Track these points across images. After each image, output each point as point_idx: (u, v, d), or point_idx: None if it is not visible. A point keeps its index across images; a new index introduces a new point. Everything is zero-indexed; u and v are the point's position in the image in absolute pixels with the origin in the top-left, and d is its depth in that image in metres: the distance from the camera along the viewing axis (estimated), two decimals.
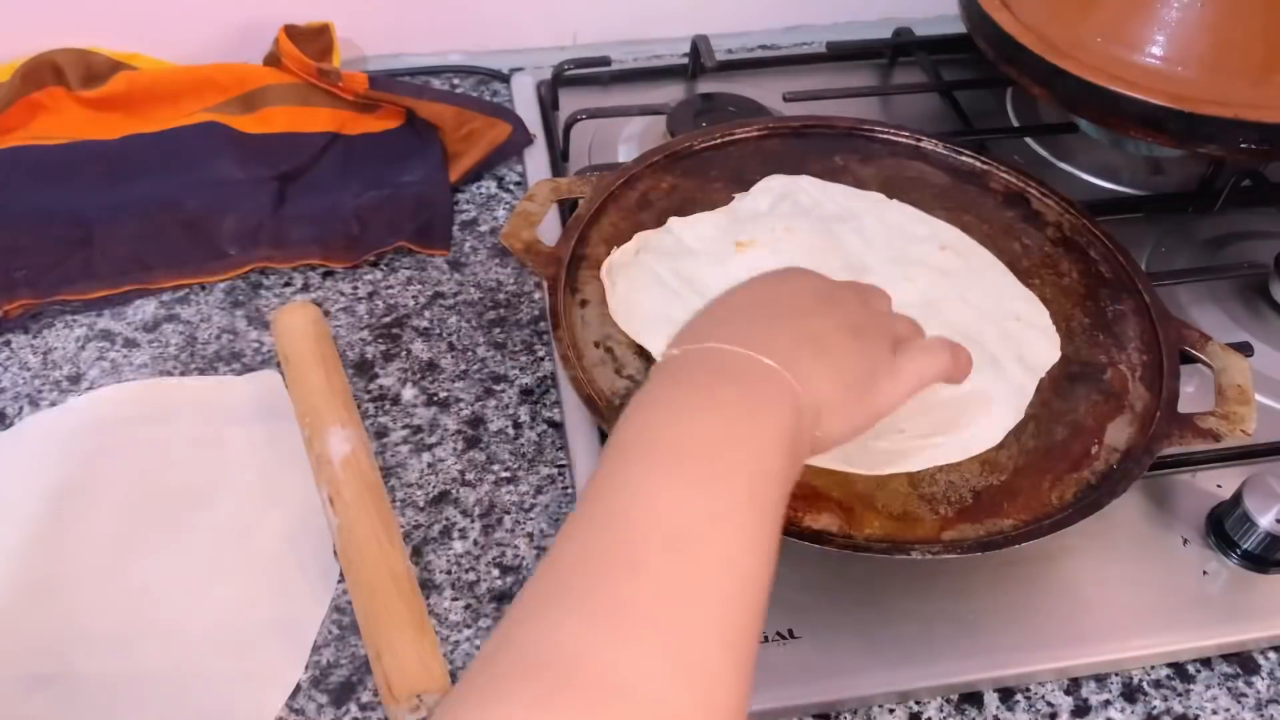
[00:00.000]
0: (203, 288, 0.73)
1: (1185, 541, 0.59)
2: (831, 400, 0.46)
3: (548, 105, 0.87)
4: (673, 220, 0.66)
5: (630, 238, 0.65)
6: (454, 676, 0.54)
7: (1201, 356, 0.61)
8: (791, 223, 0.65)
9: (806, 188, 0.68)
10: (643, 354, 0.59)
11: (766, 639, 0.54)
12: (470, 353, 0.70)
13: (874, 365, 0.48)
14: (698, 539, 0.37)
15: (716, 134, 0.73)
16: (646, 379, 0.46)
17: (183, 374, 0.68)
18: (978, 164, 0.73)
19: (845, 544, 0.51)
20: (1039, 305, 0.64)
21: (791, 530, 0.51)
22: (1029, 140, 0.85)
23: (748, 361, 0.44)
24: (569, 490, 0.62)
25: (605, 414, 0.55)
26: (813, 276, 0.52)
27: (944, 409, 0.56)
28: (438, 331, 0.71)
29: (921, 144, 0.74)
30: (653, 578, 0.35)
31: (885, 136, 0.74)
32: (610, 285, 0.62)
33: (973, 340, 0.59)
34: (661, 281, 0.62)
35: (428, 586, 0.58)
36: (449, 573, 0.58)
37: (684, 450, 0.40)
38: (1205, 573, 0.58)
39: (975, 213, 0.69)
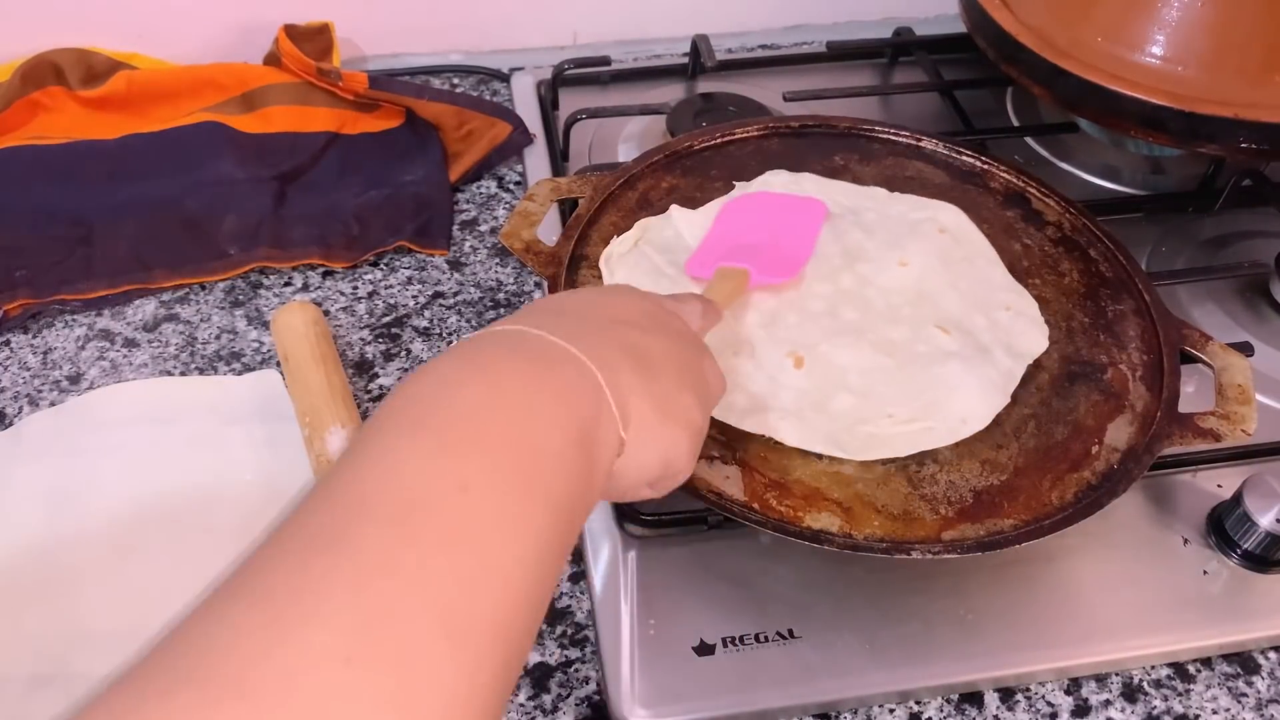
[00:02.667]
0: (203, 287, 0.73)
1: (1185, 541, 0.59)
2: (644, 420, 0.40)
3: (548, 105, 0.87)
4: (674, 209, 0.66)
5: None
6: None
7: (1202, 356, 0.61)
8: None
9: (808, 187, 0.68)
10: None
11: (766, 639, 0.54)
12: None
13: (701, 403, 0.44)
14: (434, 509, 0.31)
15: (716, 134, 0.73)
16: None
17: (183, 374, 0.68)
18: (978, 163, 0.73)
19: (845, 544, 0.51)
20: (1028, 296, 0.64)
21: (792, 530, 0.51)
22: (1029, 140, 0.85)
23: (549, 345, 0.39)
24: None
25: None
26: (649, 298, 0.47)
27: (932, 393, 0.56)
28: (438, 331, 0.71)
29: (921, 144, 0.74)
30: (353, 551, 0.30)
31: (885, 136, 0.74)
32: (609, 275, 0.62)
33: (962, 327, 0.60)
34: (659, 271, 0.62)
35: None
36: None
37: (442, 416, 0.34)
38: (1205, 573, 0.58)
39: (975, 212, 0.69)
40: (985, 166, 0.72)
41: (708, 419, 0.45)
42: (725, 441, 0.55)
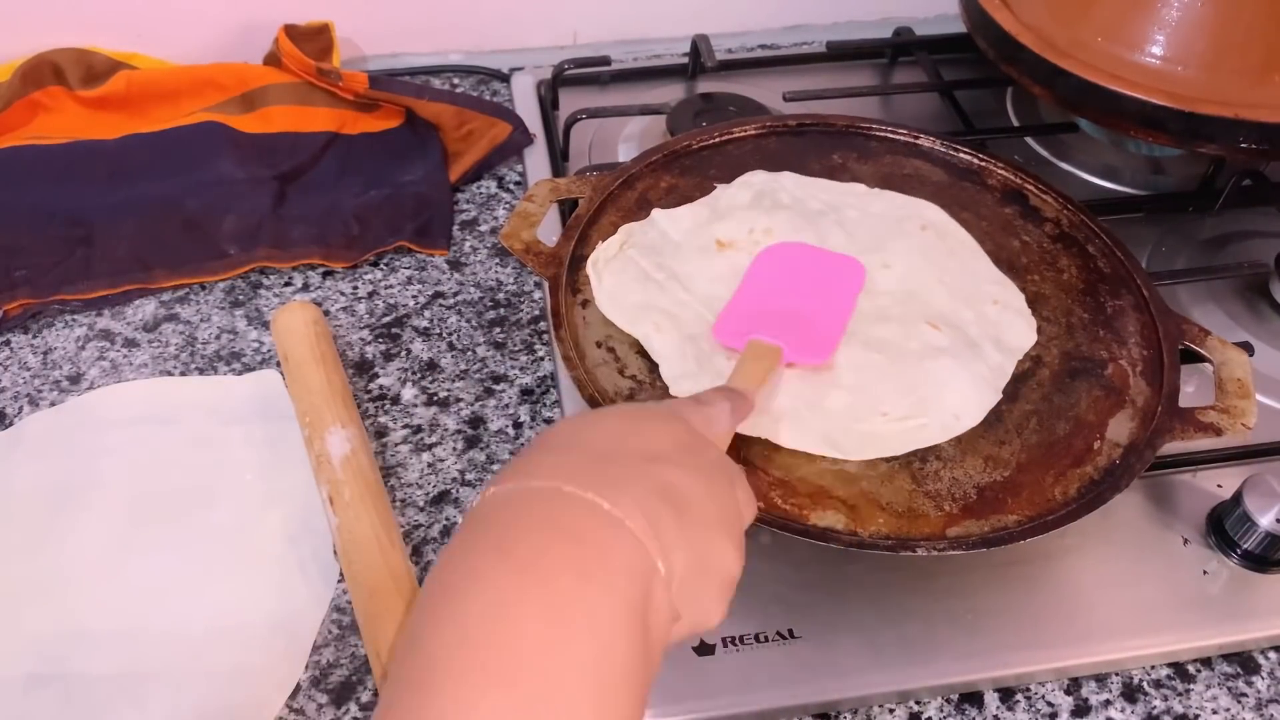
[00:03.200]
0: (203, 287, 0.73)
1: (1185, 541, 0.59)
2: (684, 581, 0.37)
3: (548, 105, 0.87)
4: (656, 212, 0.66)
5: None
6: None
7: (1201, 351, 0.61)
8: (771, 222, 0.65)
9: (787, 185, 0.68)
10: (645, 353, 0.59)
11: (766, 639, 0.54)
12: (470, 352, 0.70)
13: (737, 550, 0.40)
14: None
15: (715, 133, 0.73)
16: (458, 529, 0.38)
17: (183, 374, 0.68)
18: (975, 161, 0.73)
19: (850, 541, 0.51)
20: (1014, 289, 0.64)
21: (797, 528, 0.52)
22: (1029, 140, 0.85)
23: (585, 510, 0.35)
24: None
25: None
26: (680, 421, 0.43)
27: (924, 389, 0.57)
28: (438, 331, 0.71)
29: (919, 141, 0.74)
30: None
31: (883, 134, 0.74)
32: (597, 280, 0.62)
33: (951, 323, 0.60)
34: (646, 275, 0.62)
35: None
36: None
37: (511, 668, 0.32)
38: (1205, 572, 0.58)
39: (974, 210, 0.69)
40: (982, 164, 0.72)
41: (742, 565, 0.41)
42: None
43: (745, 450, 0.55)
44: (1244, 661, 0.56)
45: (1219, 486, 0.62)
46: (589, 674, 0.33)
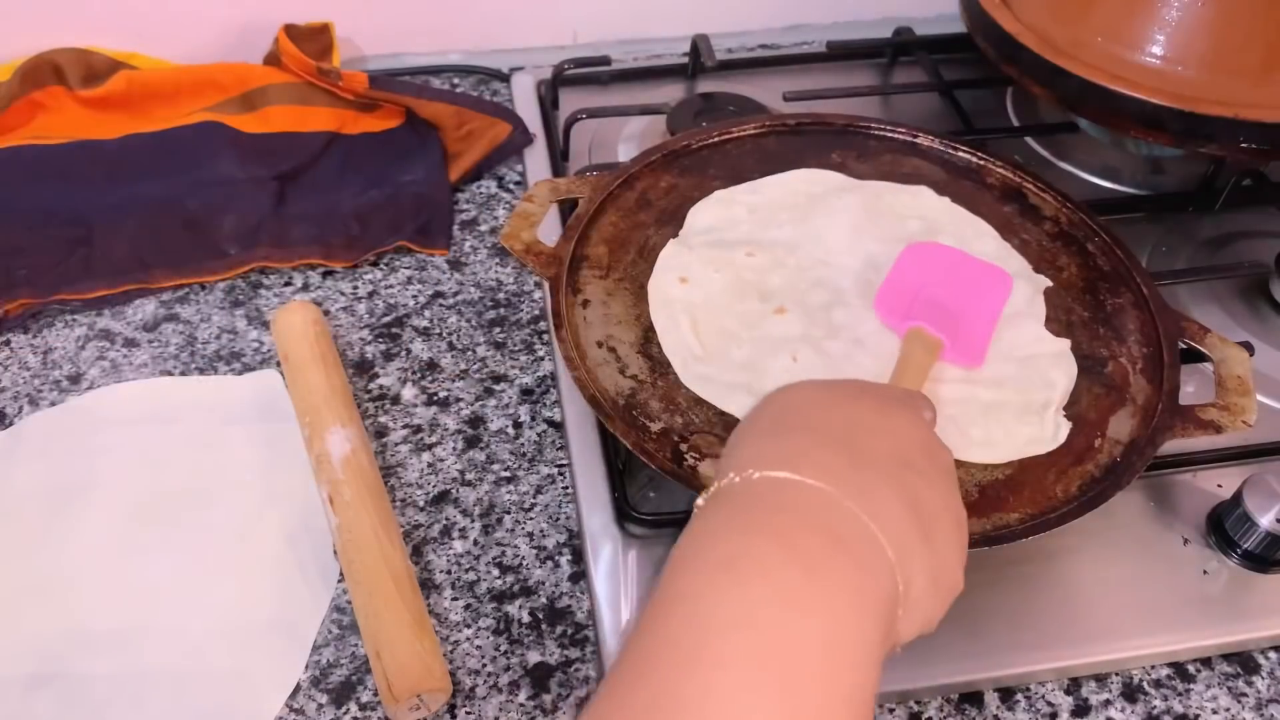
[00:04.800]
0: (203, 287, 0.73)
1: (1185, 541, 0.59)
2: (919, 598, 0.37)
3: (548, 105, 0.87)
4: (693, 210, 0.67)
5: (630, 237, 0.66)
6: (454, 676, 0.54)
7: (1201, 348, 0.61)
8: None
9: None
10: (645, 353, 0.59)
11: None
12: (470, 352, 0.70)
13: (964, 560, 0.40)
14: None
15: (714, 132, 0.73)
16: (710, 503, 0.37)
17: (183, 374, 0.68)
18: (974, 159, 0.73)
19: None
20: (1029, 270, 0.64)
21: None
22: (1029, 140, 0.85)
23: (856, 526, 0.35)
24: (569, 490, 0.62)
25: (610, 414, 0.55)
26: (914, 413, 0.42)
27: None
28: (438, 331, 0.71)
29: (918, 140, 0.74)
30: None
31: (882, 133, 0.74)
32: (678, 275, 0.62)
33: (997, 381, 0.59)
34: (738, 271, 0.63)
35: (428, 586, 0.58)
36: (449, 573, 0.58)
37: (787, 667, 0.32)
38: (1205, 572, 0.58)
39: (973, 208, 0.69)
40: (981, 162, 0.72)
41: (963, 574, 0.41)
42: None
43: None
44: (1244, 661, 0.56)
45: (1219, 486, 0.62)
46: (849, 698, 0.33)
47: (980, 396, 0.57)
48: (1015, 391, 0.57)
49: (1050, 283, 0.64)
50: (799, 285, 0.62)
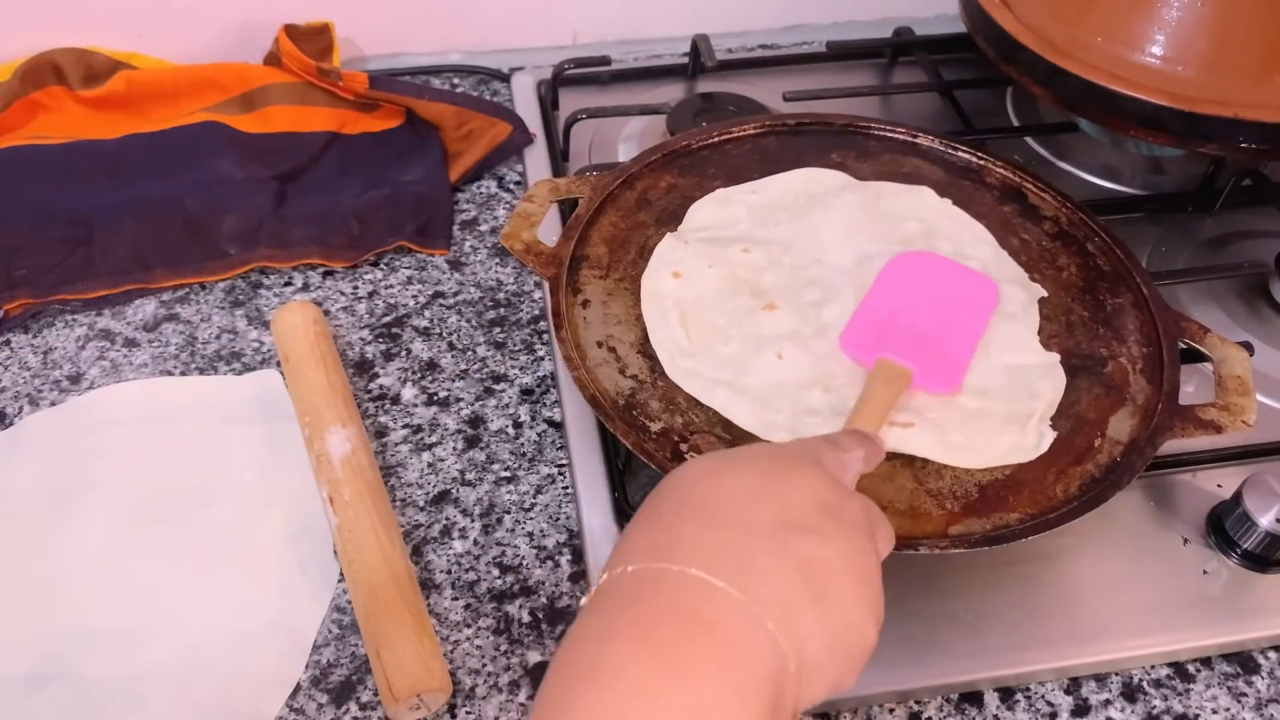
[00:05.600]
0: (203, 287, 0.73)
1: (1185, 541, 0.59)
2: (818, 663, 0.36)
3: (548, 105, 0.87)
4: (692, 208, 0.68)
5: (630, 237, 0.66)
6: (454, 676, 0.54)
7: (1200, 348, 0.61)
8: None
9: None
10: (645, 353, 0.59)
11: None
12: (470, 352, 0.70)
13: (875, 616, 0.39)
14: None
15: (714, 132, 0.73)
16: (588, 603, 0.37)
17: (183, 374, 0.68)
18: (974, 159, 0.73)
19: None
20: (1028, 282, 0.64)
21: None
22: (1029, 140, 0.85)
23: (728, 605, 0.34)
24: (569, 490, 0.62)
25: (610, 414, 0.55)
26: (814, 466, 0.41)
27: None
28: (438, 331, 0.71)
29: (918, 140, 0.74)
30: None
31: (881, 133, 0.74)
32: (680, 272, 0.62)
33: (986, 390, 0.58)
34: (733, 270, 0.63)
35: (428, 586, 0.58)
36: (449, 572, 0.58)
37: None
38: (1205, 572, 0.58)
39: (973, 208, 0.69)
40: (981, 162, 0.72)
41: (880, 625, 0.39)
42: (730, 440, 0.55)
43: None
44: (1244, 661, 0.56)
45: (1219, 486, 0.62)
46: None
47: (964, 404, 0.57)
48: (1000, 400, 0.57)
49: (1045, 292, 0.64)
50: (793, 283, 0.62)
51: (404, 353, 0.70)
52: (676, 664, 0.33)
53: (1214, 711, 0.54)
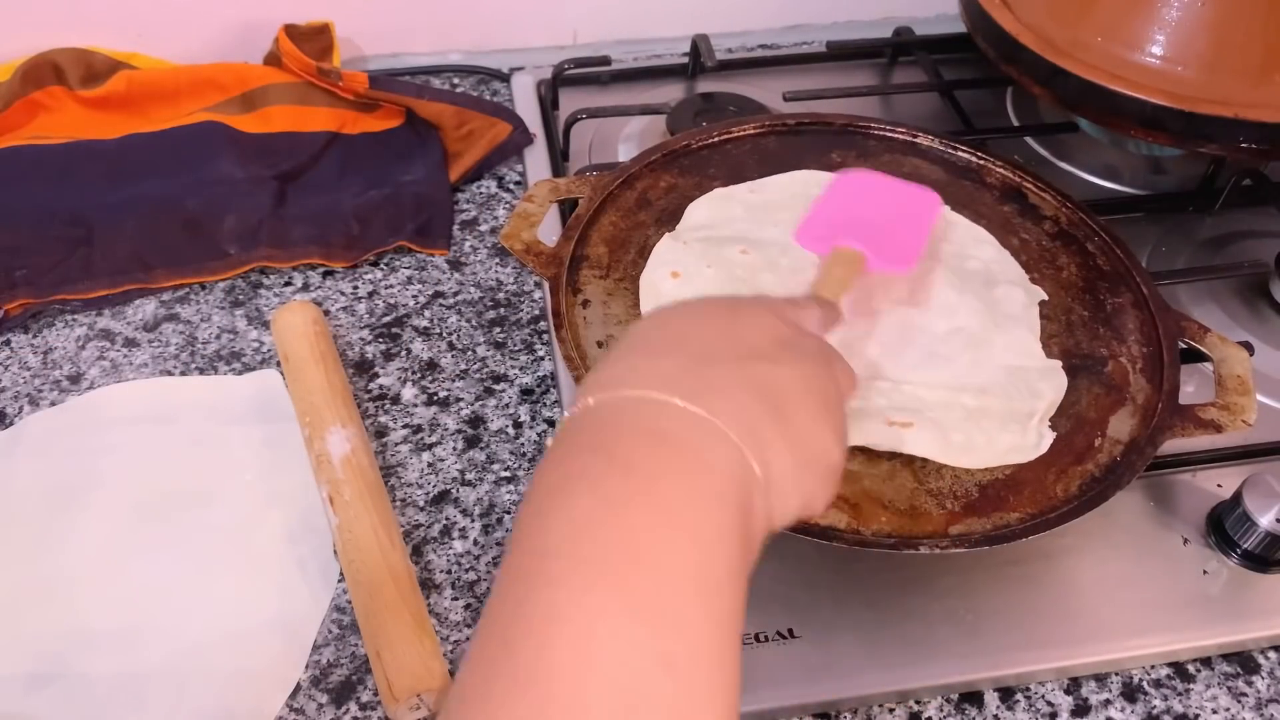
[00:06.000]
0: (203, 287, 0.73)
1: (1185, 541, 0.59)
2: (785, 476, 0.37)
3: (548, 105, 0.87)
4: (690, 207, 0.68)
5: (630, 237, 0.66)
6: (454, 676, 0.54)
7: (1201, 348, 0.61)
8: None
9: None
10: None
11: (766, 639, 0.54)
12: (470, 352, 0.70)
13: (838, 436, 0.40)
14: (653, 703, 0.30)
15: (714, 132, 0.73)
16: (553, 439, 0.38)
17: (183, 374, 0.68)
18: (974, 159, 0.73)
19: (854, 540, 0.51)
20: (1031, 287, 0.64)
21: (799, 527, 0.51)
22: (1029, 140, 0.85)
23: (687, 420, 0.36)
24: None
25: None
26: (775, 313, 0.43)
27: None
28: (438, 331, 0.71)
29: (918, 140, 0.74)
30: None
31: (881, 133, 0.74)
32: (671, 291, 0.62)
33: (987, 390, 0.58)
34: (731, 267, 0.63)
35: (428, 586, 0.58)
36: (449, 572, 0.58)
37: (619, 564, 0.32)
38: (1205, 572, 0.58)
39: (973, 208, 0.69)
40: (981, 162, 0.72)
41: (846, 447, 0.41)
42: None
43: None
44: (1244, 661, 0.56)
45: (1219, 486, 0.62)
46: (694, 576, 0.33)
47: (965, 403, 0.57)
48: (1000, 399, 0.57)
49: (1046, 296, 0.64)
50: (790, 285, 0.62)
51: (404, 353, 0.70)
52: (643, 474, 0.34)
53: (1214, 711, 0.54)
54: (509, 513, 0.61)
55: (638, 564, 0.32)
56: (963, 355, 0.59)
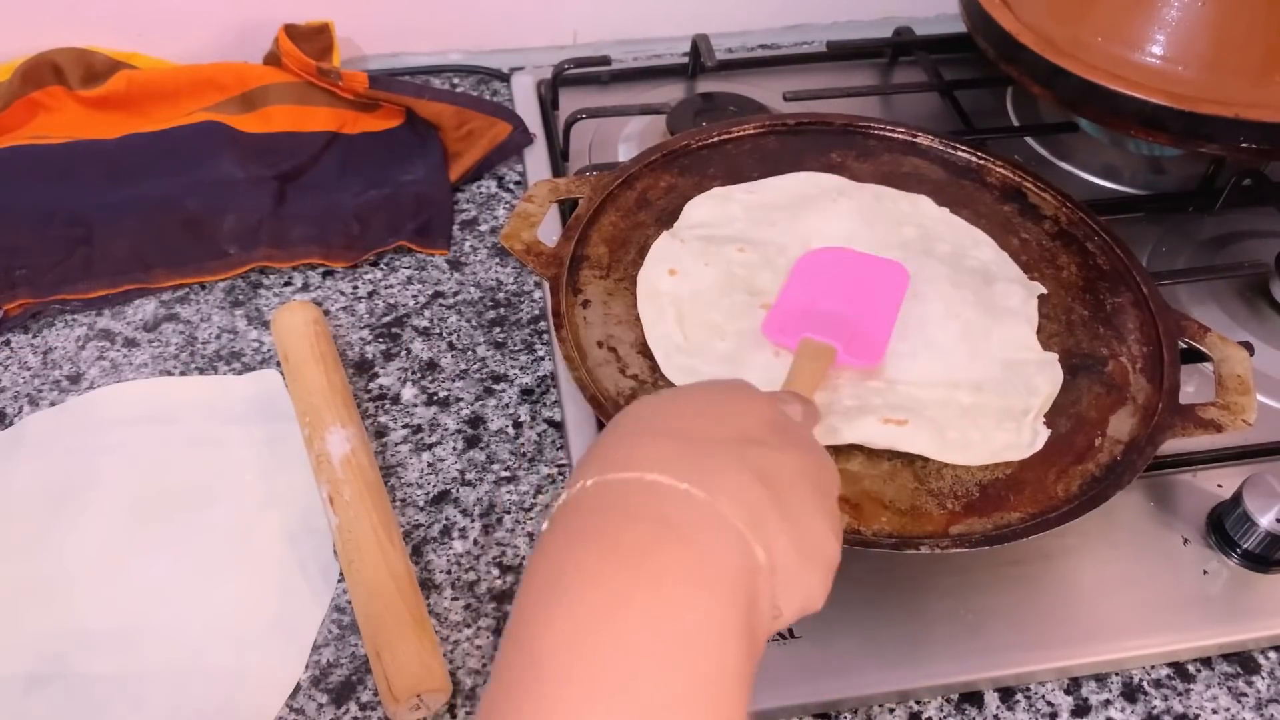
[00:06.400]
0: (203, 287, 0.73)
1: (1185, 541, 0.59)
2: (788, 570, 0.36)
3: (548, 104, 0.87)
4: (688, 205, 0.68)
5: (630, 237, 0.66)
6: (454, 676, 0.54)
7: (1201, 347, 0.61)
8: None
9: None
10: (646, 352, 0.59)
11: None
12: (470, 352, 0.70)
13: (835, 529, 0.39)
14: None
15: (713, 132, 0.73)
16: (550, 522, 0.36)
17: (183, 374, 0.68)
18: (973, 159, 0.73)
19: (855, 540, 0.51)
20: (1028, 283, 0.64)
21: None
22: (1030, 140, 0.85)
23: (690, 505, 0.34)
24: None
25: (611, 414, 0.55)
26: (768, 402, 0.42)
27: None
28: (438, 331, 0.71)
29: (917, 139, 0.74)
30: None
31: (881, 133, 0.74)
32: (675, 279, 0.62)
33: (982, 386, 0.58)
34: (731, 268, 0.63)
35: (428, 586, 0.57)
36: (449, 572, 0.58)
37: (621, 672, 0.31)
38: (1205, 572, 0.58)
39: (973, 208, 0.69)
40: (981, 162, 0.72)
41: (841, 544, 0.40)
42: None
43: None
44: (1244, 661, 0.56)
45: (1219, 486, 0.62)
46: (702, 680, 0.32)
47: (960, 400, 0.57)
48: (996, 395, 0.57)
49: (1044, 290, 0.64)
50: None
51: (404, 353, 0.70)
52: (646, 567, 0.33)
53: (1214, 711, 0.54)
54: (509, 513, 0.61)
55: (639, 672, 0.31)
56: (959, 348, 0.59)
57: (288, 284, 0.74)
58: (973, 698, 0.54)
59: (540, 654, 0.31)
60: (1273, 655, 0.57)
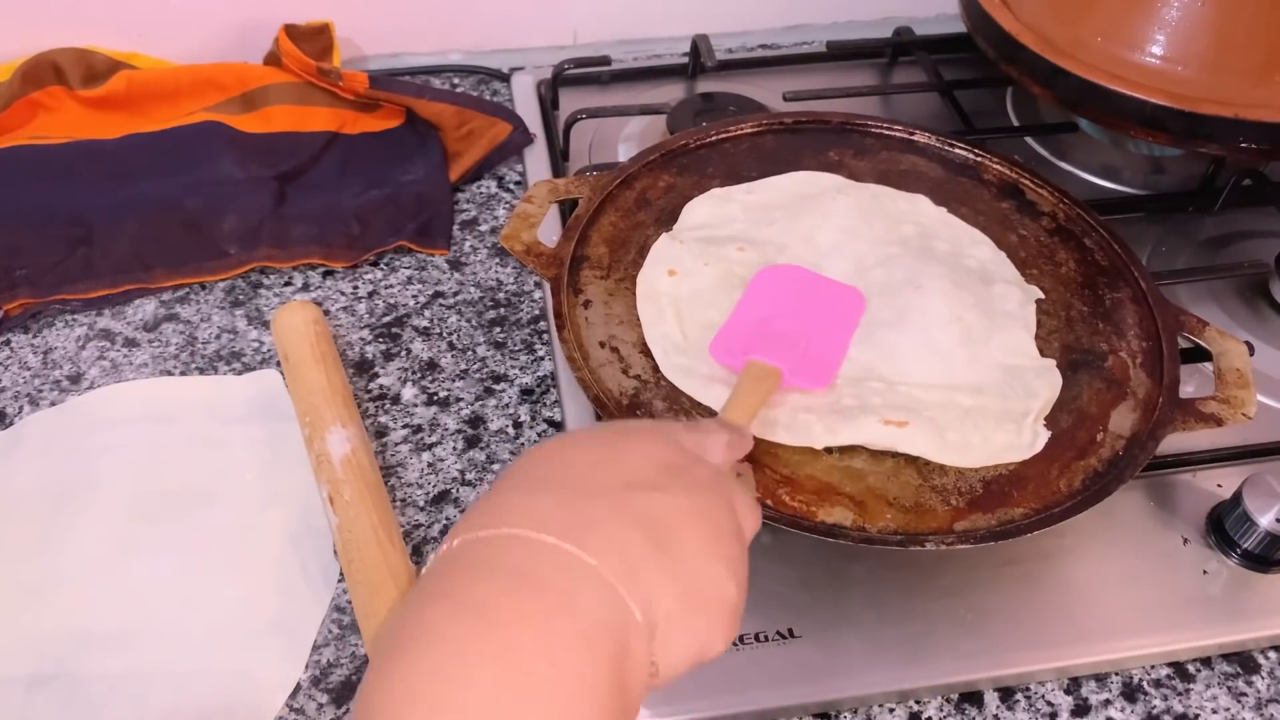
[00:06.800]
0: (203, 287, 0.73)
1: (1185, 541, 0.59)
2: (671, 620, 0.34)
3: (548, 105, 0.87)
4: (686, 207, 0.67)
5: (630, 237, 0.66)
6: None
7: (1200, 342, 0.61)
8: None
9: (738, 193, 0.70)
10: (648, 352, 0.59)
11: (766, 638, 0.54)
12: (470, 352, 0.70)
13: (733, 572, 0.37)
14: None
15: (712, 131, 0.73)
16: (417, 584, 0.35)
17: (183, 374, 0.68)
18: (971, 156, 0.73)
19: (859, 537, 0.51)
20: (1027, 286, 0.64)
21: (806, 525, 0.52)
22: (1029, 140, 0.85)
23: (557, 559, 0.33)
24: None
25: (614, 415, 0.55)
26: (666, 440, 0.40)
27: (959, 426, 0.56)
28: (438, 331, 0.71)
29: (915, 138, 0.74)
30: None
31: (879, 131, 0.74)
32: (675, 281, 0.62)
33: (982, 389, 0.58)
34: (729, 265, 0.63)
35: None
36: None
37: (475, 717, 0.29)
38: (1205, 572, 0.58)
39: (971, 205, 0.69)
40: (978, 159, 0.73)
41: (744, 586, 0.38)
42: None
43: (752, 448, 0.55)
44: (1244, 661, 0.56)
45: (1219, 486, 0.62)
46: None
47: (961, 402, 0.57)
48: (996, 398, 0.57)
49: (1042, 294, 0.64)
50: None
51: (404, 353, 0.70)
52: (496, 622, 0.31)
53: (1214, 711, 0.54)
54: None
55: None
56: (959, 352, 0.59)
57: (288, 284, 0.74)
58: (973, 697, 0.54)
59: (388, 716, 0.30)
60: (1272, 655, 0.57)
